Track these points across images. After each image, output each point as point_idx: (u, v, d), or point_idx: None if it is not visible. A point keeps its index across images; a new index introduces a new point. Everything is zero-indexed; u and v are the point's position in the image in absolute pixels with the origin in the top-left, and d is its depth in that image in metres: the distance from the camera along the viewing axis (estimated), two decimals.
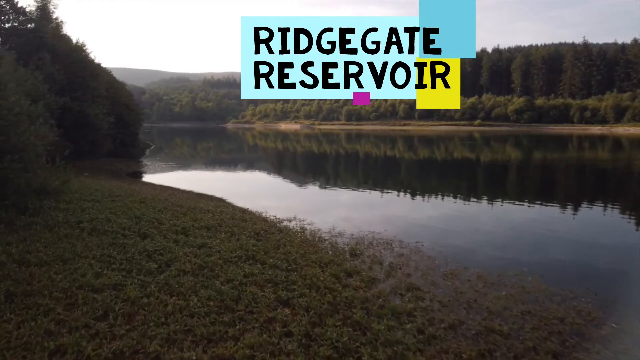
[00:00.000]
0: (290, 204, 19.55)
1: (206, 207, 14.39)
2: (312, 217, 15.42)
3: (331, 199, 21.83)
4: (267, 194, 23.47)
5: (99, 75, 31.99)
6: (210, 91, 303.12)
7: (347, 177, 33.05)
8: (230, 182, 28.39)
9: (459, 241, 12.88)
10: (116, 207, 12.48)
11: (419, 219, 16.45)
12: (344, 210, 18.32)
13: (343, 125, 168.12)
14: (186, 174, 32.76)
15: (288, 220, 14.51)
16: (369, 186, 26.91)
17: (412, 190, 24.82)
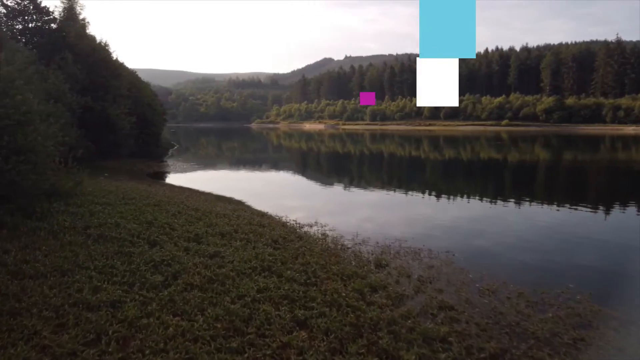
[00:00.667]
0: (313, 206, 18.78)
1: (223, 211, 13.69)
2: (334, 222, 14.64)
3: (355, 201, 20.96)
4: (289, 195, 22.76)
5: (120, 75, 31.76)
6: (235, 91, 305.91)
7: (371, 178, 32.14)
8: (252, 183, 27.74)
9: (493, 249, 11.90)
10: (128, 210, 11.87)
11: (447, 224, 15.47)
12: (368, 213, 17.45)
13: (367, 125, 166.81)
14: (208, 175, 32.32)
15: (309, 226, 13.72)
16: (393, 187, 26.05)
17: (438, 191, 23.79)
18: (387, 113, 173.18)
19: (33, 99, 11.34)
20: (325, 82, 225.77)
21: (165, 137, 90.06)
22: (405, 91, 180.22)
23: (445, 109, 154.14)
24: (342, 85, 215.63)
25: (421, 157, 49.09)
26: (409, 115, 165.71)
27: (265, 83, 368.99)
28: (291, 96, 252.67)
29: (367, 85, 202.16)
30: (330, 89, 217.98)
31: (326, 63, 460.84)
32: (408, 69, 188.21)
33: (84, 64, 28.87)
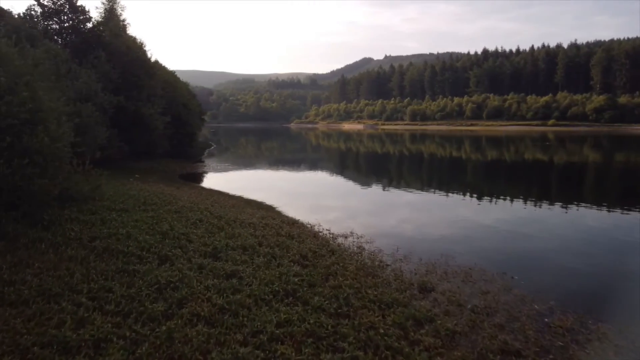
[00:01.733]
0: (349, 212, 17.41)
1: (249, 219, 12.50)
2: (372, 231, 13.29)
3: (394, 205, 19.46)
4: (325, 198, 21.44)
5: (155, 74, 31.18)
6: (274, 92, 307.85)
7: (411, 179, 30.42)
8: (287, 184, 26.58)
9: (558, 271, 10.21)
10: (145, 218, 10.83)
11: (499, 235, 13.77)
12: (410, 220, 15.91)
13: (407, 126, 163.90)
14: (243, 175, 31.37)
15: (343, 237, 12.36)
16: (434, 189, 24.42)
17: (483, 194, 22.08)
18: (427, 113, 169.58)
19: (43, 96, 10.40)
20: (364, 82, 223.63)
21: (206, 136, 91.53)
22: (447, 90, 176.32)
23: (489, 109, 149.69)
24: (381, 85, 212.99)
25: (462, 158, 46.98)
26: (450, 115, 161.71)
27: (305, 83, 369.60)
28: (330, 96, 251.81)
29: (407, 84, 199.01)
30: (369, 88, 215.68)
31: (366, 63, 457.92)
32: (450, 68, 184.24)
33: (119, 62, 28.39)
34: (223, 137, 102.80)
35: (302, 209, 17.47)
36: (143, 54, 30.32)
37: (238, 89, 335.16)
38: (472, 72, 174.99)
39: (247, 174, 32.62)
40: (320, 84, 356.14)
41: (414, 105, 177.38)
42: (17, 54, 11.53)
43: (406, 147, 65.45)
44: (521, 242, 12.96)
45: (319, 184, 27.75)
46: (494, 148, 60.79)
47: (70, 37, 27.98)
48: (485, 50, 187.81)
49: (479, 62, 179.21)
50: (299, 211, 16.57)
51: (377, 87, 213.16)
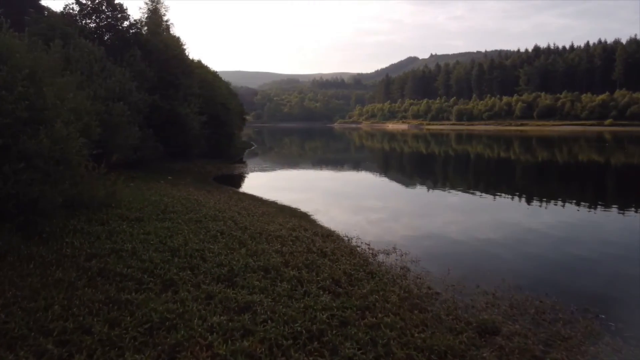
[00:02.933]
0: (391, 218, 15.76)
1: (278, 230, 11.07)
2: (418, 245, 11.69)
3: (441, 210, 17.68)
4: (366, 201, 19.83)
5: (192, 73, 30.33)
6: (318, 92, 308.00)
7: (457, 181, 28.36)
8: (327, 186, 25.13)
9: None
10: (158, 230, 9.56)
11: (569, 251, 11.81)
12: (460, 229, 14.06)
13: (453, 126, 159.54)
14: (281, 177, 30.16)
15: (385, 253, 10.75)
16: (482, 192, 22.51)
17: (539, 198, 20.13)
18: (474, 112, 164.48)
19: (47, 92, 9.30)
20: (409, 81, 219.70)
21: (251, 136, 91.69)
22: (495, 89, 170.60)
23: (540, 108, 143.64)
24: (426, 84, 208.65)
25: (511, 159, 44.43)
26: (499, 114, 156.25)
27: (349, 83, 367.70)
28: (374, 96, 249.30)
29: (454, 83, 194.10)
30: (414, 88, 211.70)
31: (411, 62, 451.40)
32: (498, 66, 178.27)
33: (156, 61, 27.70)
34: (267, 137, 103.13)
35: (341, 216, 16.10)
36: (181, 52, 29.50)
37: (282, 89, 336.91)
38: (522, 70, 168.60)
39: (288, 175, 31.56)
40: (364, 83, 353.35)
41: (460, 104, 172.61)
42: (37, 49, 10.55)
43: (452, 148, 62.92)
44: (597, 261, 10.98)
45: (361, 185, 26.72)
46: (546, 149, 57.45)
47: (107, 35, 27.40)
48: (537, 47, 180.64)
49: (529, 60, 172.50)
50: (336, 219, 15.25)
51: (422, 86, 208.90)
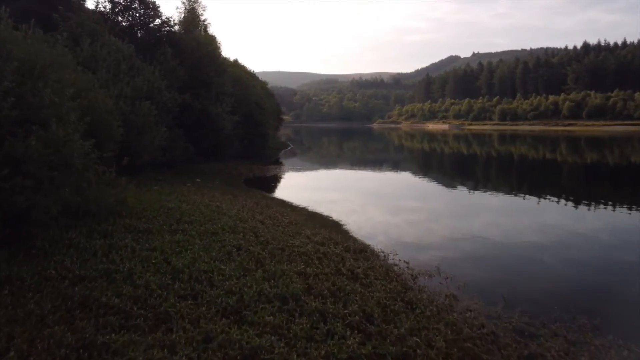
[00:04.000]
0: (432, 226, 14.19)
1: (304, 245, 9.72)
2: (464, 260, 10.25)
3: (486, 216, 16.01)
4: (404, 205, 18.32)
5: (225, 71, 29.36)
6: (357, 91, 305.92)
7: (501, 182, 26.36)
8: (362, 189, 23.77)
9: None
10: (165, 245, 8.38)
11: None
12: (511, 241, 12.41)
13: (496, 126, 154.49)
14: (315, 178, 28.95)
15: (426, 275, 9.25)
16: (530, 195, 20.73)
17: (590, 204, 18.11)
18: (518, 112, 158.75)
19: (43, 90, 8.26)
20: (450, 81, 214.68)
21: (289, 136, 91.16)
22: (540, 88, 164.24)
23: (589, 107, 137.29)
24: (468, 83, 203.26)
25: (558, 160, 41.99)
26: (544, 114, 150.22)
27: (388, 83, 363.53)
28: (414, 95, 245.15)
29: (497, 82, 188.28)
30: (455, 87, 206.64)
31: (452, 61, 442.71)
32: (544, 64, 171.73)
33: (188, 59, 26.90)
34: (305, 136, 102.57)
35: (376, 221, 14.78)
36: (213, 50, 28.58)
37: (321, 89, 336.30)
38: (570, 68, 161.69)
39: (324, 175, 30.49)
40: (404, 83, 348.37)
41: (503, 104, 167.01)
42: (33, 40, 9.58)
43: (494, 149, 60.27)
44: None
45: (399, 186, 25.83)
46: (595, 150, 54.20)
47: (139, 33, 26.76)
48: (586, 44, 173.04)
49: (578, 57, 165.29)
50: (371, 225, 14.03)
51: (463, 85, 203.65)
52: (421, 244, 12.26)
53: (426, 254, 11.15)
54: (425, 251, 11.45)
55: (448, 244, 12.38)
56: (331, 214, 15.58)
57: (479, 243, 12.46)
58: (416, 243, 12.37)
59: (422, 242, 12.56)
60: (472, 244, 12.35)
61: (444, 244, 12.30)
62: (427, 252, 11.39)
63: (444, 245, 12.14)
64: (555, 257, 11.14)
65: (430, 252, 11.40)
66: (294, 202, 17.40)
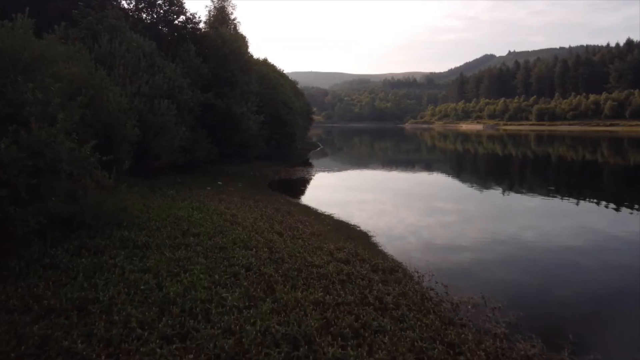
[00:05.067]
0: (472, 244, 12.66)
1: (325, 265, 8.38)
2: (516, 287, 8.70)
3: (533, 223, 14.33)
4: (436, 213, 16.75)
5: (250, 69, 28.25)
6: (389, 91, 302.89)
7: (539, 185, 24.40)
8: (392, 192, 22.44)
9: None
10: (161, 265, 7.18)
11: None
12: (566, 259, 10.84)
13: (533, 126, 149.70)
14: (344, 181, 27.66)
15: (471, 304, 7.77)
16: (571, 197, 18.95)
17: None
18: (556, 112, 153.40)
19: (27, 85, 7.19)
20: (485, 80, 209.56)
21: (320, 136, 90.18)
22: (580, 87, 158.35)
23: (632, 106, 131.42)
24: (503, 82, 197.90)
25: (598, 162, 39.97)
26: (584, 114, 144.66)
27: (421, 82, 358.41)
28: (447, 95, 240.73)
29: (534, 81, 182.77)
30: (490, 87, 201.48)
31: (487, 60, 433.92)
32: (585, 62, 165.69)
33: (213, 57, 25.96)
34: (336, 137, 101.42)
35: (409, 234, 13.38)
36: (238, 47, 27.53)
37: (353, 89, 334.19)
38: (612, 66, 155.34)
39: (353, 178, 29.26)
40: (437, 83, 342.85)
41: (541, 103, 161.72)
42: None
43: (531, 149, 57.72)
44: None
45: (431, 192, 24.24)
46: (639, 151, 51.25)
47: (163, 30, 25.94)
48: (630, 41, 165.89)
49: (621, 55, 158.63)
50: (403, 238, 12.59)
51: (499, 85, 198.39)
52: (460, 259, 10.82)
53: (467, 272, 9.72)
54: (466, 269, 10.01)
55: (491, 258, 10.90)
56: (359, 221, 14.28)
57: (527, 257, 11.05)
58: (454, 257, 10.94)
59: (461, 256, 11.12)
60: (520, 259, 10.97)
61: (486, 259, 10.83)
62: (468, 270, 9.95)
63: (487, 260, 10.68)
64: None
65: (472, 269, 9.97)
66: (319, 209, 16.12)
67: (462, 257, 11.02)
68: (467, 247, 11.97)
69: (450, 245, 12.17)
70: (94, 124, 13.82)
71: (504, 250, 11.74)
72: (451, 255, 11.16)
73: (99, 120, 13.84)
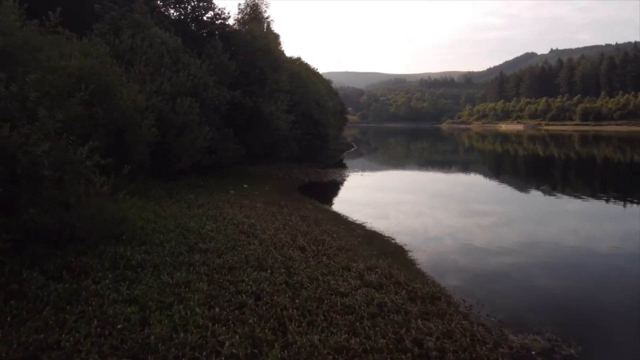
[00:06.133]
0: (525, 259, 11.01)
1: (352, 293, 7.00)
2: (589, 325, 7.11)
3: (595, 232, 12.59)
4: (479, 220, 15.06)
5: (280, 66, 27.02)
6: (426, 91, 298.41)
7: (585, 188, 22.30)
8: (429, 194, 21.00)
9: None
10: (152, 292, 5.95)
11: None
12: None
13: (577, 126, 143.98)
14: (380, 183, 26.24)
15: (536, 350, 6.22)
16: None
17: None
18: (602, 112, 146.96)
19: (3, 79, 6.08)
20: (526, 79, 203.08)
21: (355, 136, 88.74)
22: (629, 86, 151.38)
23: None
24: (545, 81, 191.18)
25: None
26: (633, 113, 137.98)
27: (459, 82, 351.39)
28: (486, 95, 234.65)
29: (578, 80, 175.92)
30: (531, 86, 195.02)
31: (528, 58, 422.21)
32: (634, 59, 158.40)
33: (242, 53, 24.89)
34: (372, 137, 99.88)
35: (450, 246, 11.91)
36: (268, 44, 26.33)
37: (389, 89, 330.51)
38: None
39: (383, 183, 27.46)
40: (475, 82, 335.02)
41: (585, 103, 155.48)
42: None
43: (574, 150, 54.77)
44: None
45: (476, 192, 23.42)
46: None
47: (190, 26, 25.01)
48: None
49: None
50: (444, 253, 11.11)
51: (540, 84, 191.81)
52: (515, 280, 9.28)
53: (524, 298, 8.19)
54: (523, 293, 8.48)
55: (553, 280, 9.29)
56: (393, 231, 12.83)
57: (594, 276, 9.35)
58: (507, 278, 9.39)
59: (515, 275, 9.57)
60: (586, 279, 9.26)
61: (548, 281, 9.23)
62: (526, 294, 8.42)
63: (548, 282, 9.08)
64: None
65: (531, 294, 8.45)
66: (350, 216, 14.71)
67: (518, 277, 9.46)
68: (520, 264, 10.37)
69: (499, 261, 10.56)
70: (105, 123, 12.90)
71: (565, 267, 10.11)
72: (503, 275, 9.59)
73: (112, 119, 12.88)
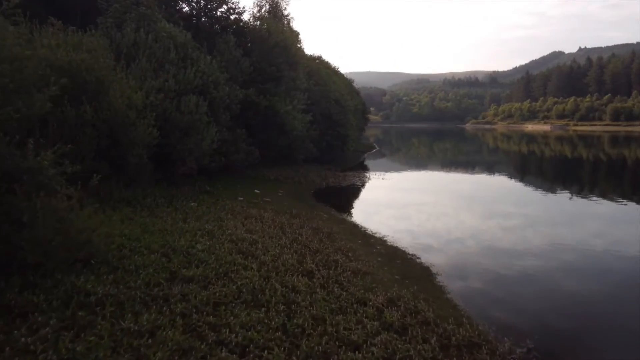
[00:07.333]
0: (578, 293, 9.33)
1: (368, 339, 5.48)
2: None
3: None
4: (515, 237, 13.33)
5: (297, 63, 25.49)
6: (449, 91, 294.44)
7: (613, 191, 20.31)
8: (456, 200, 19.38)
9: None
10: (105, 347, 4.53)
11: None
12: None
13: (607, 126, 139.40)
14: (399, 188, 24.48)
15: None
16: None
17: None
18: (634, 111, 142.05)
19: None
20: (553, 78, 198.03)
21: (378, 136, 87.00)
22: None
23: None
24: (574, 80, 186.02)
25: None
26: None
27: (483, 81, 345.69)
28: (511, 94, 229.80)
29: (608, 79, 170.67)
30: (559, 85, 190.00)
31: (555, 57, 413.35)
32: None
33: (257, 49, 23.53)
34: (394, 137, 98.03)
35: (485, 268, 10.23)
36: (285, 39, 24.85)
37: (412, 89, 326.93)
38: None
39: (411, 182, 26.07)
40: (501, 82, 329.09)
41: (616, 102, 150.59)
42: None
43: (604, 152, 52.14)
44: None
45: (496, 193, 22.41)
46: None
47: (202, 20, 23.70)
48: None
49: None
50: (479, 274, 9.55)
51: (568, 83, 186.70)
52: (570, 312, 7.61)
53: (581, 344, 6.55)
54: (585, 330, 6.85)
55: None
56: (417, 246, 11.26)
57: None
58: (563, 309, 7.74)
59: (568, 307, 7.89)
60: None
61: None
62: (588, 332, 6.77)
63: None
64: None
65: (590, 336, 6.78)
66: (369, 228, 13.14)
67: (574, 310, 7.80)
68: (579, 293, 8.68)
69: (552, 287, 8.88)
70: (96, 123, 11.61)
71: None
72: (559, 306, 7.94)
73: (103, 119, 11.58)
